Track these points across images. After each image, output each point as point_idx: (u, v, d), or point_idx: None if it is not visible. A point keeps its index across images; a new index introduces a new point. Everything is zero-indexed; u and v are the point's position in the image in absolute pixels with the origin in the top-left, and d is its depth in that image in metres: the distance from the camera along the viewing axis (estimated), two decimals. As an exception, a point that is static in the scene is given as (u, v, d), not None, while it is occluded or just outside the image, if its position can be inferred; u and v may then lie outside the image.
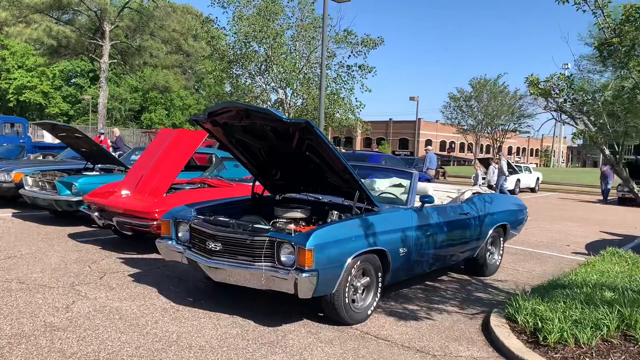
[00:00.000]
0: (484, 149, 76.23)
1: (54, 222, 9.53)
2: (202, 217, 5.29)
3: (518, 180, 24.01)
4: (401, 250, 5.28)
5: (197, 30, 30.03)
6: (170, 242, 5.40)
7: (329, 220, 5.25)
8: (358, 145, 79.71)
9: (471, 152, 74.89)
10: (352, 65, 31.36)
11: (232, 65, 32.11)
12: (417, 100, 46.79)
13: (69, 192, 8.80)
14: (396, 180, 6.36)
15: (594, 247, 9.86)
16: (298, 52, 31.08)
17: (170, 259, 5.44)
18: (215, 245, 4.78)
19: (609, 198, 21.61)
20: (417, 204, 5.74)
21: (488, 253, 7.03)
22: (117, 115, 53.75)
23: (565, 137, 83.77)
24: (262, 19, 29.07)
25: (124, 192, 7.62)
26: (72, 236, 8.33)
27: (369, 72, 31.52)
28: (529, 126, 56.14)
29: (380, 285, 5.10)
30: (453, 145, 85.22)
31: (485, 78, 55.18)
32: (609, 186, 21.43)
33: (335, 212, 5.31)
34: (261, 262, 4.59)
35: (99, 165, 10.45)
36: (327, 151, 4.81)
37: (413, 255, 5.47)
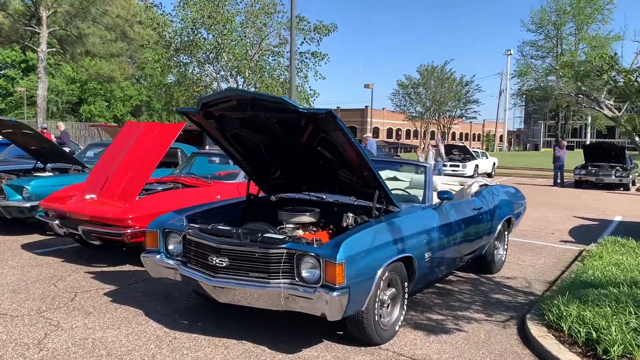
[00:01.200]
0: (435, 136, 77.31)
1: (1, 230, 8.41)
2: (197, 225, 4.53)
3: (477, 165, 24.07)
4: (426, 255, 4.71)
5: (141, 17, 28.49)
6: (158, 256, 4.61)
7: (345, 224, 4.60)
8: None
9: (417, 139, 75.79)
10: (305, 52, 30.62)
11: (179, 53, 30.76)
12: (371, 87, 46.50)
13: (19, 196, 7.74)
14: (407, 174, 5.76)
15: (578, 234, 9.83)
16: (249, 39, 30.07)
17: (159, 275, 4.65)
18: (220, 260, 4.04)
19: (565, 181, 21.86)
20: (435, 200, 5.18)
21: (495, 249, 6.57)
22: (53, 108, 50.82)
23: (503, 122, 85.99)
24: (211, 4, 27.85)
25: (89, 196, 6.69)
26: (27, 247, 7.30)
27: (322, 59, 30.84)
28: (475, 112, 57.19)
29: (406, 296, 4.51)
30: (400, 133, 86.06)
31: (433, 65, 55.65)
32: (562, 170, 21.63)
33: (351, 215, 4.66)
34: (278, 278, 3.89)
35: (51, 165, 9.34)
36: (346, 145, 4.14)
37: (435, 259, 4.91)
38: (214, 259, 4.05)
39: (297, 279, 3.85)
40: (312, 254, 3.77)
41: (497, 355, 4.14)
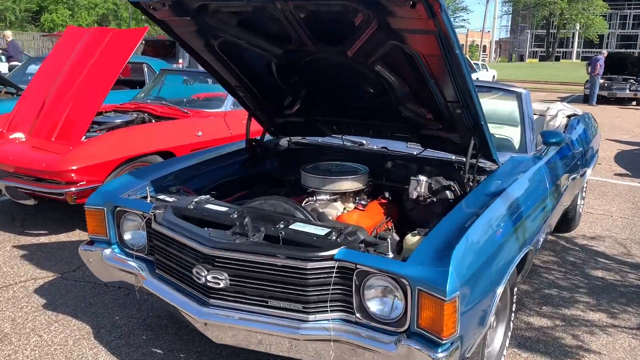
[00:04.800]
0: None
1: None
2: (169, 200, 2.68)
3: (477, 79, 22.07)
4: (541, 239, 2.98)
5: None
6: (108, 250, 2.78)
7: (413, 195, 2.79)
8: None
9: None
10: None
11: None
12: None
13: None
14: (489, 102, 3.87)
15: (630, 165, 8.37)
16: None
17: (110, 279, 2.85)
18: (215, 277, 2.23)
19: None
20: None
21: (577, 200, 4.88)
22: (11, 17, 46.71)
23: (489, 32, 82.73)
24: None
25: (15, 136, 4.71)
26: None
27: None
28: (464, 20, 54.25)
29: (514, 308, 2.81)
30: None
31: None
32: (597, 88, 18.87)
33: (423, 179, 2.83)
34: (324, 311, 2.13)
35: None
36: (442, 60, 2.26)
37: (545, 236, 3.19)
38: (204, 273, 2.24)
39: (357, 315, 2.10)
40: (394, 275, 1.99)
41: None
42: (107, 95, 4.56)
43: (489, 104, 3.90)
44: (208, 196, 2.73)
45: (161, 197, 2.74)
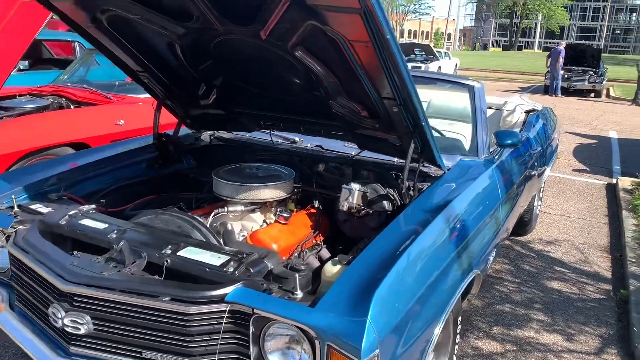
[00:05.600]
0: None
1: None
2: (47, 208, 2.16)
3: (439, 67, 21.78)
4: (491, 257, 2.59)
5: None
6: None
7: (343, 205, 2.35)
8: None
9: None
10: None
11: None
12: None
13: None
14: (437, 95, 3.44)
15: (587, 160, 8.16)
16: None
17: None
18: (75, 321, 1.73)
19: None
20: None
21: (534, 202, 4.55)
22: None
23: (454, 20, 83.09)
24: None
25: None
26: None
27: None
28: (430, 7, 54.21)
29: (457, 340, 2.40)
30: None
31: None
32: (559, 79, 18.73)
33: (356, 187, 2.38)
34: (213, 365, 1.67)
35: None
36: (370, 47, 1.81)
37: (496, 251, 2.80)
38: (61, 314, 1.74)
39: (252, 369, 1.64)
40: (295, 324, 1.54)
41: None
42: (8, 77, 3.94)
43: (438, 97, 3.49)
44: (93, 206, 2.22)
45: (34, 206, 2.21)
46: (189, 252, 1.82)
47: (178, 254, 1.81)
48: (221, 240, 2.09)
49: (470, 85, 3.10)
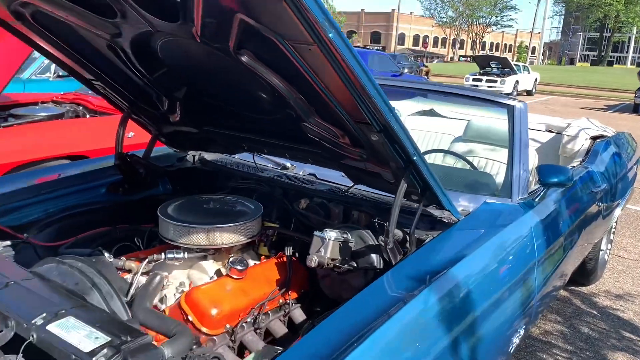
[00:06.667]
0: (463, 45, 71.94)
1: None
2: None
3: (517, 82, 20.56)
4: (515, 339, 1.94)
5: None
6: None
7: (312, 261, 1.78)
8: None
9: (445, 48, 70.56)
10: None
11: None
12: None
13: None
14: (481, 116, 2.81)
15: None
16: None
17: None
18: None
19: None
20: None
21: (600, 247, 3.76)
22: None
23: (538, 33, 79.45)
24: None
25: None
26: None
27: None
28: (512, 19, 52.30)
29: None
30: (427, 40, 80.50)
31: (469, -37, 49.99)
32: None
33: (332, 236, 1.81)
34: None
35: None
36: (323, 52, 1.26)
37: (532, 319, 2.14)
38: None
39: None
40: None
41: None
42: (7, 84, 3.68)
43: (478, 117, 2.85)
44: (5, 243, 1.80)
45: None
46: (62, 327, 1.33)
47: (48, 327, 1.33)
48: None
49: (510, 105, 2.44)
